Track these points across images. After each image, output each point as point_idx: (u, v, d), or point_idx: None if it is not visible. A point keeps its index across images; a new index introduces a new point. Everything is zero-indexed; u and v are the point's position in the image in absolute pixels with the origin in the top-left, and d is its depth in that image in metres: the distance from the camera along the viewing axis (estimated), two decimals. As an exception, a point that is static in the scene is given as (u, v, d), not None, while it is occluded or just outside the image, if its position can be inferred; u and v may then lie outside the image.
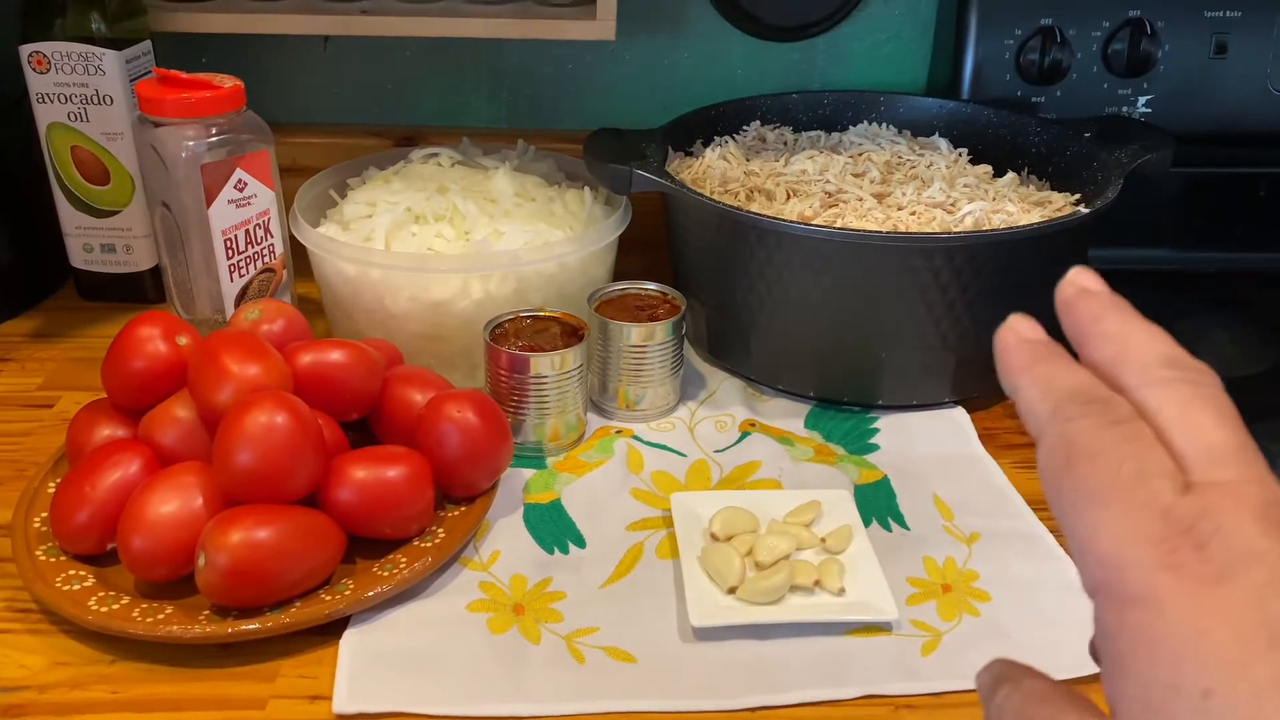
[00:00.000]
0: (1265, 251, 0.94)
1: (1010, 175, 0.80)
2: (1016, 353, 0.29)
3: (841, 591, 0.56)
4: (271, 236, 0.75)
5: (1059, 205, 0.75)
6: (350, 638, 0.53)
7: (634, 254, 0.81)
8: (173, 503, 0.53)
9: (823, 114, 0.90)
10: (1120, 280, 0.30)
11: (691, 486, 0.65)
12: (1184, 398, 0.26)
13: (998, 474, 0.67)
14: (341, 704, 0.49)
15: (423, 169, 0.82)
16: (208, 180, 0.70)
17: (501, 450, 0.61)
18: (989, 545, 0.61)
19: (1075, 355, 0.28)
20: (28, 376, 0.76)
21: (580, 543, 0.61)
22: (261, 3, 0.84)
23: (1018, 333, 0.29)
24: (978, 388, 0.73)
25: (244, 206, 0.72)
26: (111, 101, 0.77)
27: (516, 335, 0.68)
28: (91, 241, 0.83)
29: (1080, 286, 0.29)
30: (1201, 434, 0.25)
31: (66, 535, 0.55)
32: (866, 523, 0.62)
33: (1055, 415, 0.26)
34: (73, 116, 0.78)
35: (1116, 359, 0.27)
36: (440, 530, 0.58)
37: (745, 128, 0.88)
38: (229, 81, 0.71)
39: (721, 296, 0.74)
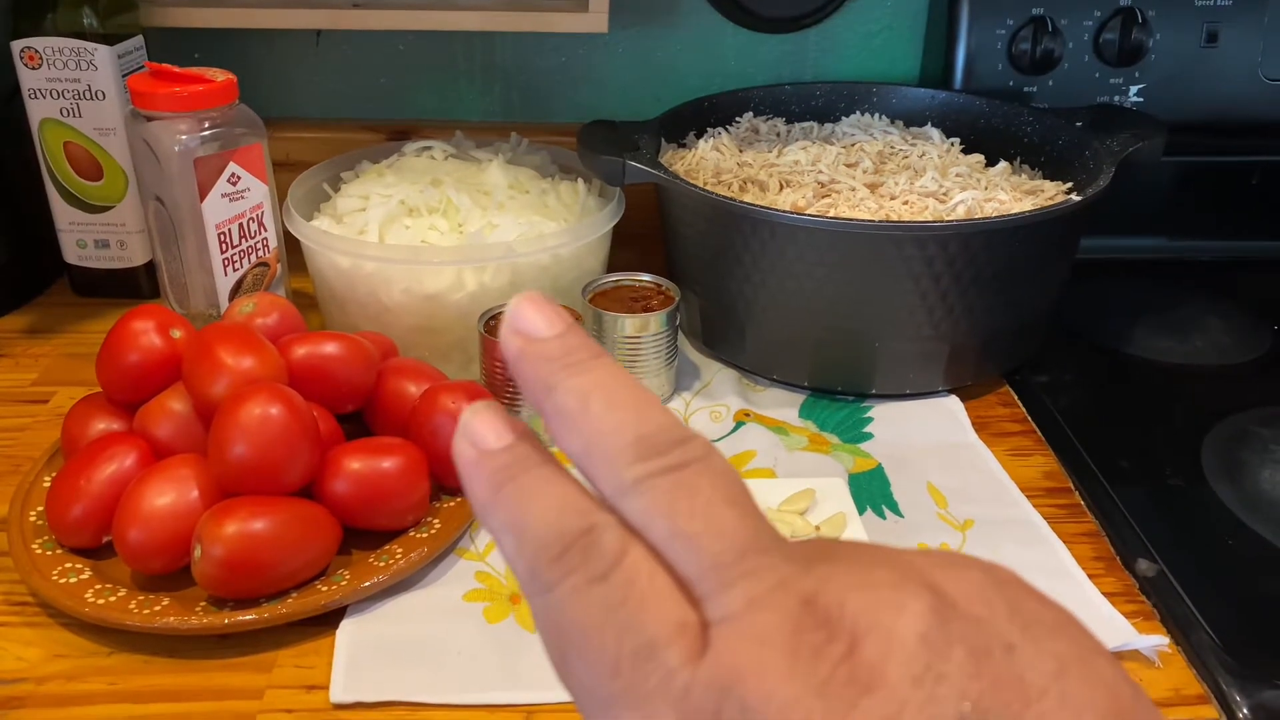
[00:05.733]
0: (1257, 239, 0.94)
1: (1002, 164, 0.80)
2: (477, 479, 0.22)
3: (836, 579, 0.56)
4: (265, 230, 0.75)
5: (1051, 194, 0.75)
6: (347, 628, 0.53)
7: (628, 246, 0.81)
8: (168, 495, 0.53)
9: (815, 105, 0.91)
10: (1113, 269, 0.26)
11: (686, 476, 0.66)
12: (666, 502, 0.20)
13: (991, 461, 0.67)
14: (338, 694, 0.49)
15: (416, 162, 0.82)
16: (201, 174, 0.70)
17: (496, 441, 0.61)
18: (983, 532, 0.61)
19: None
20: (22, 372, 0.76)
21: (576, 533, 0.61)
22: (253, -3, 0.84)
23: (475, 442, 0.22)
24: (971, 376, 0.73)
25: (237, 200, 0.72)
26: (104, 96, 0.77)
27: (511, 327, 0.68)
28: (85, 237, 0.83)
29: (522, 334, 0.22)
30: (697, 547, 0.20)
31: (63, 529, 0.55)
32: (861, 510, 0.62)
33: (534, 582, 0.21)
34: (65, 112, 0.78)
35: (584, 457, 0.22)
36: (436, 521, 0.59)
37: (738, 119, 0.88)
38: (221, 75, 0.71)
39: (715, 287, 0.74)
